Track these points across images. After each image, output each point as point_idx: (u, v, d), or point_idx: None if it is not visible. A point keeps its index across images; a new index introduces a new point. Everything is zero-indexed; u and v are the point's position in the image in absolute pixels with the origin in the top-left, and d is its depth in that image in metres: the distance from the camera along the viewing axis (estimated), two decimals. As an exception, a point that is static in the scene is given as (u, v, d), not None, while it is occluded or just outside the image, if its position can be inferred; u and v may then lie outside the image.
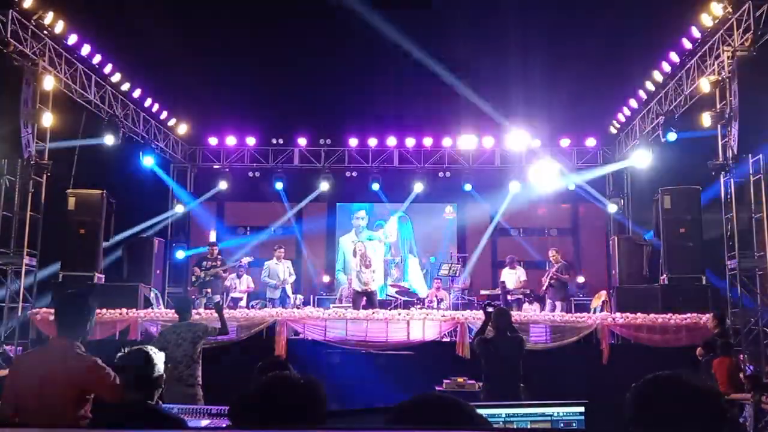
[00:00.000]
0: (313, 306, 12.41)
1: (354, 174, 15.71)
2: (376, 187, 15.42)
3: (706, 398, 1.69)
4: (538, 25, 11.35)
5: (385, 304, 11.91)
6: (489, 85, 12.56)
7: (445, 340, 10.21)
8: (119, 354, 3.62)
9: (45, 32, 10.27)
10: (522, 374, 6.68)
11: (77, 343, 3.74)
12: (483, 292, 13.80)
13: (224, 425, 4.14)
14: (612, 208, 14.91)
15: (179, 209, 15.46)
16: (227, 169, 15.77)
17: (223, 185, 15.59)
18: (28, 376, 3.69)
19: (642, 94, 12.80)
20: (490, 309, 6.92)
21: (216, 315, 7.38)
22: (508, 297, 12.58)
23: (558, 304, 12.08)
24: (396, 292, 13.25)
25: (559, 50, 11.68)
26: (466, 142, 15.20)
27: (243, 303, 12.51)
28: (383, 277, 14.35)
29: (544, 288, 12.43)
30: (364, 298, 11.29)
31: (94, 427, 3.23)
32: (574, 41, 11.44)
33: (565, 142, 15.25)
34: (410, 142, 15.33)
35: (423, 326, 10.21)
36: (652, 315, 9.98)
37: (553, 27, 11.47)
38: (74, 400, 3.55)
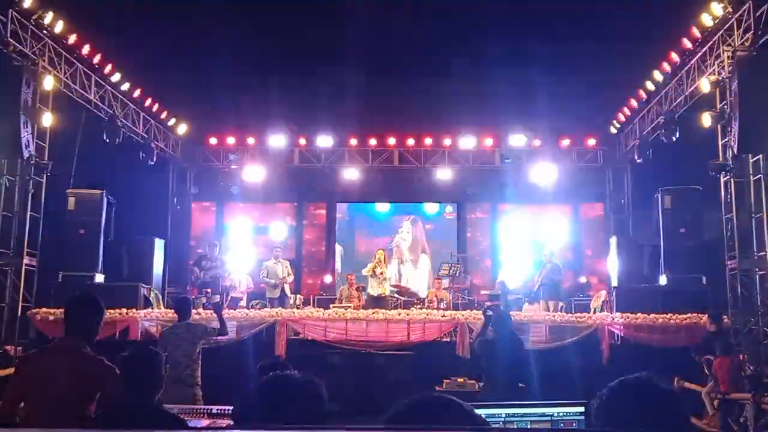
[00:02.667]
0: (313, 306, 12.41)
1: (354, 174, 15.69)
2: (375, 186, 15.44)
3: (665, 401, 1.70)
4: (538, 25, 11.36)
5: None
6: (490, 84, 12.56)
7: (445, 340, 10.21)
8: (122, 354, 3.62)
9: (45, 32, 10.27)
10: (521, 375, 6.80)
11: (84, 344, 3.74)
12: (483, 292, 13.79)
13: (224, 425, 4.14)
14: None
15: (179, 209, 15.47)
16: (227, 169, 15.75)
17: (223, 185, 15.63)
18: (36, 376, 3.70)
19: (642, 94, 12.80)
20: (489, 312, 7.16)
21: (215, 315, 7.38)
22: (508, 297, 12.57)
23: (551, 304, 12.05)
24: (396, 293, 13.25)
25: (559, 50, 11.68)
26: (466, 142, 15.19)
27: (243, 303, 12.51)
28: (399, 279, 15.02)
29: (535, 288, 12.41)
30: (378, 302, 11.61)
31: (95, 427, 3.23)
32: (574, 41, 11.44)
33: (565, 142, 15.25)
34: (410, 142, 15.32)
35: (423, 326, 10.22)
36: (652, 315, 9.98)
37: (553, 27, 11.48)
38: (82, 399, 3.56)
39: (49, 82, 10.22)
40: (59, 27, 10.38)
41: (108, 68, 11.97)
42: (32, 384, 3.69)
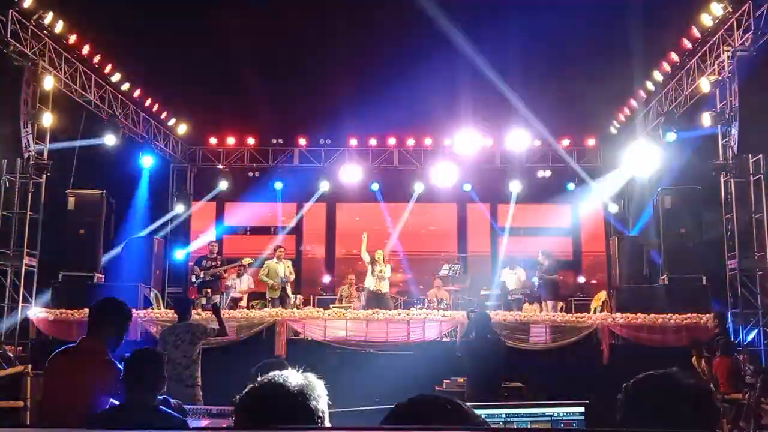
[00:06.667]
0: (313, 306, 12.40)
1: (354, 174, 15.67)
2: (375, 187, 15.44)
3: (698, 396, 1.69)
4: (538, 25, 11.35)
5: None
6: (489, 84, 12.55)
7: (445, 340, 10.21)
8: (122, 354, 3.62)
9: (45, 32, 10.27)
10: (502, 374, 7.22)
11: (103, 347, 3.75)
12: (483, 292, 13.78)
13: (224, 425, 4.14)
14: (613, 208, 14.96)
15: (179, 209, 15.48)
16: (227, 169, 15.76)
17: (223, 185, 15.59)
18: (53, 376, 3.73)
19: (642, 94, 12.80)
20: (472, 315, 7.50)
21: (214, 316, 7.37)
22: (509, 297, 12.56)
23: (549, 303, 12.03)
24: (397, 292, 13.26)
25: (559, 50, 11.68)
26: (466, 142, 15.17)
27: (243, 303, 12.50)
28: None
29: (535, 288, 12.39)
30: (377, 299, 11.64)
31: (94, 427, 3.23)
32: (574, 41, 11.44)
33: (565, 142, 15.24)
34: (410, 142, 15.32)
35: (423, 326, 10.22)
36: (652, 315, 9.97)
37: (553, 26, 11.46)
38: (92, 402, 3.56)
39: (49, 82, 10.22)
40: (59, 27, 10.38)
41: (108, 68, 11.97)
42: (50, 384, 3.72)
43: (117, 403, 3.43)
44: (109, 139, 11.78)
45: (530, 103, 13.04)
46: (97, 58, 11.61)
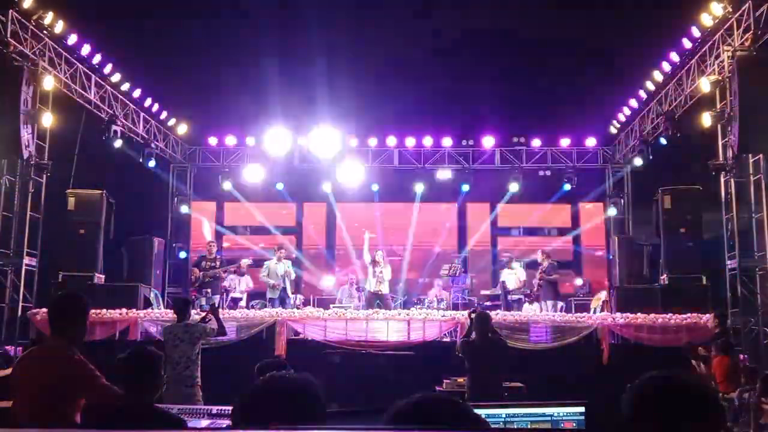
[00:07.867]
0: (313, 306, 12.40)
1: (354, 174, 15.64)
2: (375, 187, 15.44)
3: (704, 396, 1.69)
4: (538, 25, 11.37)
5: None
6: (489, 84, 12.56)
7: (445, 340, 10.21)
8: (121, 354, 3.61)
9: (45, 32, 10.28)
10: (503, 374, 7.14)
11: (68, 344, 3.71)
12: (483, 292, 13.78)
13: (224, 425, 4.13)
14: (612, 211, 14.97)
15: (179, 209, 15.48)
16: (227, 169, 15.75)
17: (224, 185, 15.57)
18: (24, 377, 3.70)
19: (642, 94, 12.80)
20: (473, 315, 7.43)
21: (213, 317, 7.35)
22: (509, 297, 12.55)
23: (549, 303, 12.03)
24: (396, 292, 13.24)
25: (559, 50, 11.69)
26: (466, 142, 15.18)
27: (243, 303, 12.50)
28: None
29: (535, 289, 12.38)
30: (377, 300, 11.64)
31: (94, 427, 3.22)
32: (574, 41, 11.45)
33: (565, 142, 15.24)
34: (410, 142, 15.31)
35: (423, 326, 10.22)
36: (652, 315, 9.98)
37: (553, 27, 11.48)
38: (59, 400, 3.54)
39: (49, 82, 10.22)
40: (59, 27, 10.38)
41: (108, 68, 11.97)
42: (18, 384, 3.69)
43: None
44: (109, 139, 11.78)
45: (531, 102, 13.04)
46: (97, 58, 11.61)
